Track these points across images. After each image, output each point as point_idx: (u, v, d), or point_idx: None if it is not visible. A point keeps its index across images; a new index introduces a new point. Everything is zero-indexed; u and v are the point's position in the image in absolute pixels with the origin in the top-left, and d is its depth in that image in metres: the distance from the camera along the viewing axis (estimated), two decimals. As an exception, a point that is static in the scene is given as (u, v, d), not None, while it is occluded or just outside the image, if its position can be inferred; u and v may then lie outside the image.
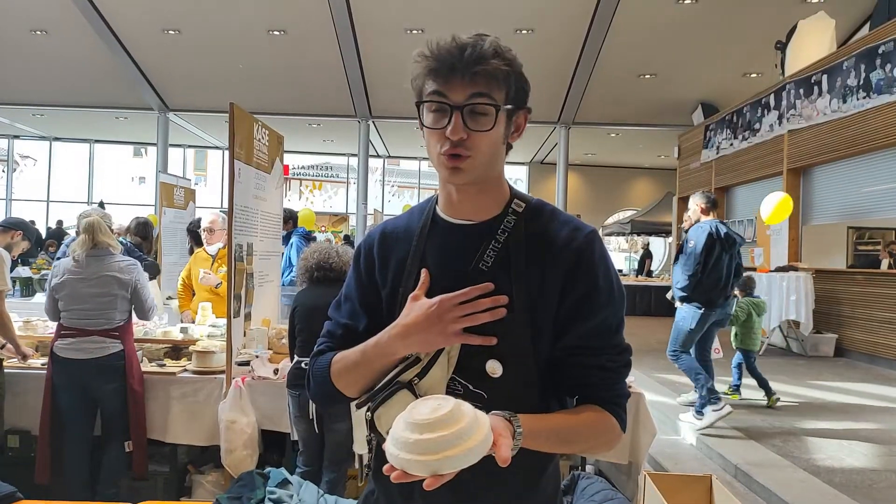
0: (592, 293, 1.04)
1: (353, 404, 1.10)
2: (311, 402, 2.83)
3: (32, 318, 3.87)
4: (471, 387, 1.04)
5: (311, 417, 2.86)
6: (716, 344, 5.11)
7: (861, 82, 7.71)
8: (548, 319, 1.05)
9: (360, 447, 1.10)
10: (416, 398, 1.01)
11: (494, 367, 1.04)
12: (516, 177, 19.84)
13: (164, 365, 3.47)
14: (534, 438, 0.95)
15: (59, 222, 15.52)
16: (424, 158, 20.26)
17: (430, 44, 1.00)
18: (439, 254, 1.10)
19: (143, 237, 5.96)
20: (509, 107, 1.02)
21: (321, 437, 2.93)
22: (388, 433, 1.02)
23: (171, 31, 11.46)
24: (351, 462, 2.97)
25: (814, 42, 9.32)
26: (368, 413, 1.05)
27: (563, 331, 1.05)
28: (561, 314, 1.05)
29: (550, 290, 1.04)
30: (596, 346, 1.05)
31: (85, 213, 3.51)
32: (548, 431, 0.99)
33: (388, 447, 0.87)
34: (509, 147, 1.11)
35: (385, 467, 0.87)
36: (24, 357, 3.35)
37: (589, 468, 3.43)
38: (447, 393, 1.04)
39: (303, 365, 2.78)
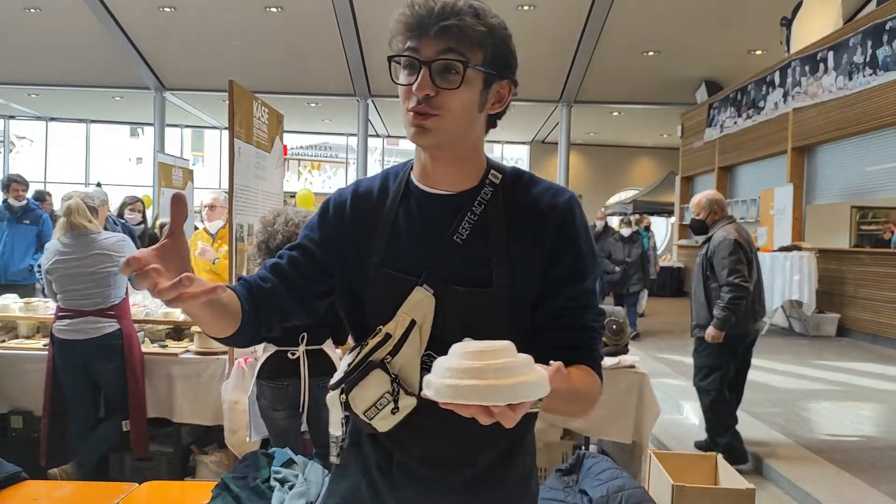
0: (579, 258, 1.05)
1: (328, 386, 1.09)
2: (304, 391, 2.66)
3: (33, 300, 3.86)
4: None
5: (301, 409, 2.67)
6: None
7: (868, 59, 7.59)
8: (529, 292, 1.04)
9: (336, 428, 1.10)
10: (390, 376, 1.01)
11: None
12: (517, 156, 19.66)
13: (166, 346, 3.46)
14: (555, 397, 0.88)
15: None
16: (424, 138, 20.11)
17: (409, 3, 0.98)
18: (412, 224, 1.06)
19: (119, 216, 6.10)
20: (482, 69, 0.98)
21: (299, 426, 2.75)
22: (363, 413, 1.02)
23: (166, 9, 11.25)
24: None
25: (820, 18, 9.16)
26: (343, 395, 1.04)
27: (551, 293, 1.04)
28: (548, 280, 1.04)
29: (534, 261, 1.03)
30: (581, 306, 1.05)
31: (66, 196, 3.50)
32: (567, 388, 0.92)
33: (436, 381, 0.76)
34: (492, 122, 1.07)
35: (428, 395, 0.78)
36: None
37: (592, 447, 3.43)
38: (422, 370, 1.01)
39: (289, 355, 2.62)
